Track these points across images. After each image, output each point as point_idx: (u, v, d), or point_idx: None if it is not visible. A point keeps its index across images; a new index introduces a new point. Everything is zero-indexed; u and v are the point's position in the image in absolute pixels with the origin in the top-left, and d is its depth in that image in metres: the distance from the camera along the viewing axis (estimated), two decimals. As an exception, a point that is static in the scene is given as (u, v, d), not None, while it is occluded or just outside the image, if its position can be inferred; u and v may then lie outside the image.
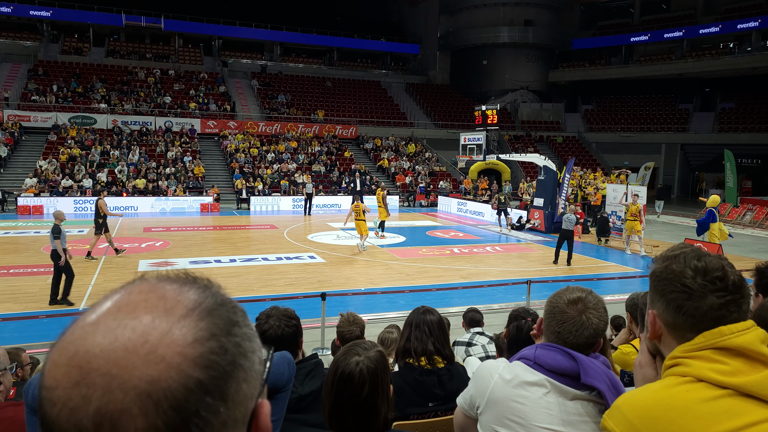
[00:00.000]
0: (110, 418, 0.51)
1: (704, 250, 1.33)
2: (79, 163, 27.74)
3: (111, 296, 0.61)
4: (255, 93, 40.61)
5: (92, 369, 0.53)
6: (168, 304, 0.58)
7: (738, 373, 1.11)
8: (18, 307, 10.15)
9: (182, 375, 0.54)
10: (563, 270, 14.59)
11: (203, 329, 0.57)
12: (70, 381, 0.53)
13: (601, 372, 1.74)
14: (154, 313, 0.57)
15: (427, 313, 3.10)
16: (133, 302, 0.58)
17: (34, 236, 18.02)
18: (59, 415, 0.52)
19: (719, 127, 40.78)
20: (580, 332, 1.79)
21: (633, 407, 1.17)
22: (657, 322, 1.29)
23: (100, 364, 0.53)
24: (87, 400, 0.52)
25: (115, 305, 0.58)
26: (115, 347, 0.54)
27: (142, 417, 0.51)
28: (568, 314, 1.81)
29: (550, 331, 1.85)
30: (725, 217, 26.04)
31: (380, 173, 34.14)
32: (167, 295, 0.60)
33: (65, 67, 37.56)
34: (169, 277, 0.63)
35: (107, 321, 0.56)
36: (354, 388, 1.89)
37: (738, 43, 40.97)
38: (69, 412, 0.52)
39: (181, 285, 0.62)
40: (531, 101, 46.84)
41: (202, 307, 0.59)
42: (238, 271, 13.49)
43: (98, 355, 0.53)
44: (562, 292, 1.89)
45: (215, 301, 0.61)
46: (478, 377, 1.91)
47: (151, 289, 0.60)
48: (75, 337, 0.56)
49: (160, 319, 0.56)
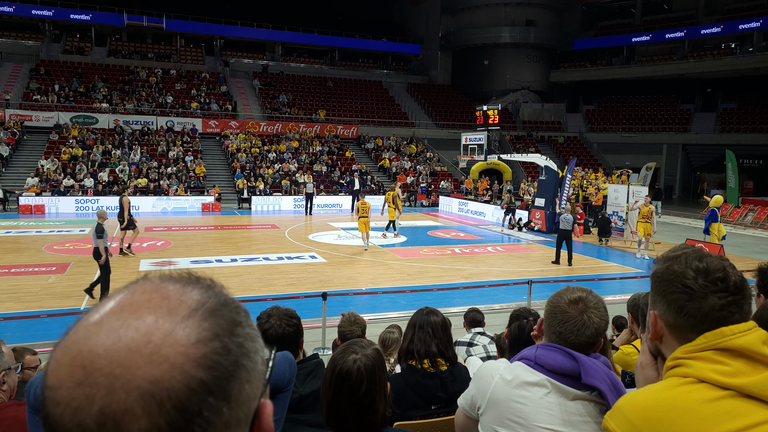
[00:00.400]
0: (113, 418, 0.51)
1: (705, 251, 1.33)
2: (81, 162, 27.76)
3: (114, 296, 0.60)
4: (256, 93, 40.63)
5: (95, 369, 0.53)
6: (171, 304, 0.58)
7: (739, 374, 1.11)
8: (19, 306, 10.16)
9: (185, 375, 0.54)
10: (564, 270, 14.58)
11: (206, 329, 0.57)
12: (74, 381, 0.53)
13: (602, 372, 1.73)
14: (157, 314, 0.57)
15: (431, 314, 3.09)
16: (137, 302, 0.58)
17: (35, 236, 18.04)
18: (62, 414, 0.53)
19: (721, 128, 40.74)
20: (581, 332, 1.79)
21: (634, 408, 1.17)
22: (658, 323, 1.29)
23: (103, 364, 0.53)
24: (90, 399, 0.52)
25: (118, 305, 0.58)
26: (118, 347, 0.54)
27: (145, 417, 0.52)
28: (569, 314, 1.81)
29: (551, 331, 1.85)
30: (727, 218, 26.05)
31: (381, 173, 34.14)
32: (170, 295, 0.60)
33: (67, 66, 37.60)
34: (172, 276, 0.63)
35: (111, 321, 0.56)
36: (352, 386, 1.91)
37: (740, 44, 40.93)
38: (72, 412, 0.52)
39: (184, 285, 0.62)
40: (532, 101, 46.82)
41: (205, 308, 0.59)
42: (239, 271, 13.50)
43: (101, 355, 0.53)
44: (562, 292, 1.89)
45: (218, 301, 0.61)
46: (479, 378, 1.91)
47: (154, 289, 0.60)
48: (78, 336, 0.56)
49: (163, 320, 0.56)
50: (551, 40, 46.91)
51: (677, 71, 42.63)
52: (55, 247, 16.09)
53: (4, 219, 21.77)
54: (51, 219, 22.26)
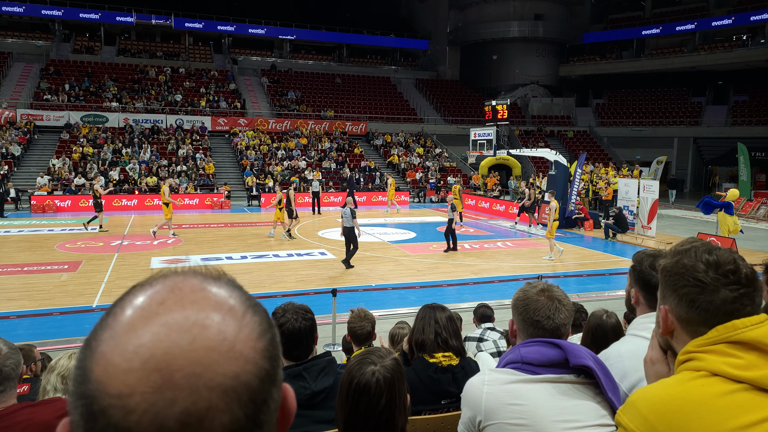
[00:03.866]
0: (198, 417, 0.52)
1: (714, 244, 1.32)
2: (91, 161, 27.96)
3: (153, 294, 0.60)
4: (265, 90, 40.70)
5: (174, 371, 0.53)
6: (227, 302, 0.60)
7: (752, 367, 1.10)
8: (32, 304, 10.24)
9: (257, 368, 0.57)
10: (575, 265, 14.52)
11: (260, 324, 0.61)
12: (151, 386, 0.52)
13: (584, 351, 1.80)
14: (219, 312, 0.59)
15: (436, 308, 3.10)
16: (195, 300, 0.59)
17: (47, 234, 18.19)
18: (139, 422, 0.51)
19: (732, 121, 40.36)
20: (556, 315, 1.88)
21: (648, 402, 1.16)
22: (669, 318, 1.29)
23: (182, 365, 0.53)
24: (172, 402, 0.52)
25: (175, 304, 0.58)
26: (195, 347, 0.55)
27: (228, 412, 0.54)
28: (541, 302, 1.91)
29: (527, 324, 1.91)
30: (739, 211, 25.84)
31: (390, 169, 34.13)
32: (219, 292, 0.61)
33: (77, 66, 37.84)
34: (197, 272, 0.64)
35: (176, 320, 0.56)
36: (371, 399, 1.84)
37: (751, 36, 40.47)
38: (152, 417, 0.52)
39: (215, 280, 0.63)
40: (541, 96, 46.57)
41: (250, 303, 0.63)
42: (249, 268, 13.55)
43: (179, 356, 0.54)
44: (526, 288, 2.00)
45: (249, 296, 0.65)
46: (468, 396, 1.88)
47: (199, 287, 0.61)
48: (144, 339, 0.55)
49: (228, 317, 0.58)
50: (560, 34, 46.62)
51: (688, 64, 42.24)
52: (67, 245, 16.23)
53: (16, 218, 21.97)
54: (62, 218, 22.43)
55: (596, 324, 3.18)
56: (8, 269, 13.00)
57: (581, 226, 20.91)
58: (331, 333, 8.30)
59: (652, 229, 18.91)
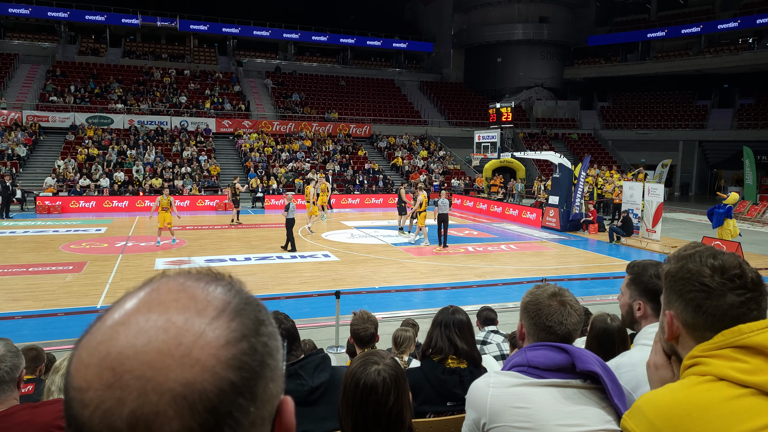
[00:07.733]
0: (145, 421, 0.51)
1: (718, 248, 1.32)
2: (97, 162, 28.06)
3: (137, 294, 0.60)
4: (269, 92, 40.78)
5: (126, 371, 0.52)
6: (199, 304, 0.58)
7: (759, 372, 1.10)
8: (37, 305, 10.28)
9: (216, 377, 0.54)
10: (579, 268, 14.49)
11: (235, 330, 0.57)
12: (103, 383, 0.52)
13: (591, 356, 1.78)
14: (185, 314, 0.56)
15: (456, 312, 3.09)
16: (164, 302, 0.58)
17: (53, 235, 18.25)
18: (92, 416, 0.52)
19: (738, 124, 40.21)
20: (568, 320, 1.86)
21: (654, 407, 1.16)
22: (675, 323, 1.28)
23: (134, 366, 0.52)
24: (121, 402, 0.51)
25: (144, 304, 0.58)
26: (148, 349, 0.53)
27: (178, 419, 0.51)
28: (552, 307, 1.88)
29: (538, 328, 1.88)
30: (744, 215, 25.76)
31: (394, 172, 34.12)
32: (197, 294, 0.59)
33: (82, 67, 37.99)
34: (192, 274, 0.63)
35: (139, 321, 0.56)
36: (379, 399, 1.82)
37: (757, 39, 40.35)
38: (102, 414, 0.52)
39: (207, 283, 0.62)
40: (546, 98, 46.51)
41: (230, 308, 0.59)
42: (253, 270, 13.56)
43: (132, 357, 0.53)
44: (536, 291, 1.95)
45: (242, 299, 0.61)
46: (472, 398, 1.88)
47: (179, 288, 0.60)
48: (105, 337, 0.55)
49: (192, 321, 0.56)
50: (565, 37, 46.57)
51: (693, 67, 42.14)
52: (71, 246, 16.28)
53: (22, 219, 22.06)
54: (67, 218, 22.51)
55: (602, 329, 3.17)
56: (13, 270, 13.06)
57: (585, 229, 20.87)
58: (335, 335, 8.30)
59: (656, 232, 18.83)
